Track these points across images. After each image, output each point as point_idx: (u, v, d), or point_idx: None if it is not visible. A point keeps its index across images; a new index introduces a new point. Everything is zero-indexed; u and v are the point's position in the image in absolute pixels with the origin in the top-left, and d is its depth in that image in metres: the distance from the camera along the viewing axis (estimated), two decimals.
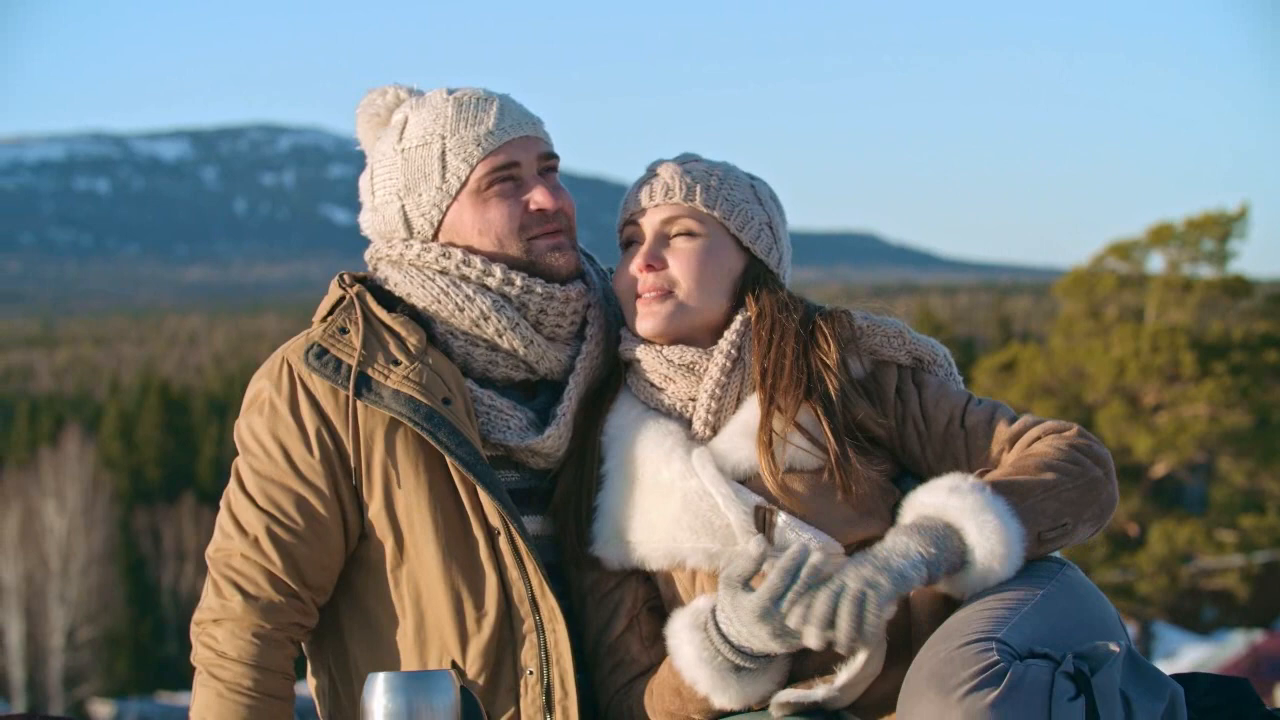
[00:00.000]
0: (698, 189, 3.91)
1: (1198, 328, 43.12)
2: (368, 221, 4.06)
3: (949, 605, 3.60)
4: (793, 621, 3.46)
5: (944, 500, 3.58)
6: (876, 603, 3.43)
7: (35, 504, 56.85)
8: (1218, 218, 42.48)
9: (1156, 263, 44.41)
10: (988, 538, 3.53)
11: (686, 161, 3.97)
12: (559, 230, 3.98)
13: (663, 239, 3.91)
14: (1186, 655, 45.56)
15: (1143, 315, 44.06)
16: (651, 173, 3.96)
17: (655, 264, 3.88)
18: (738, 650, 3.55)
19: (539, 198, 3.94)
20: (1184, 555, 42.63)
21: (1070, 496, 3.65)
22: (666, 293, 3.88)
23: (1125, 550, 43.19)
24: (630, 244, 3.95)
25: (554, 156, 4.02)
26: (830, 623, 3.43)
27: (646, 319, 3.89)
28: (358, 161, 4.12)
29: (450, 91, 3.99)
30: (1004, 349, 48.69)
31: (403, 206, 3.97)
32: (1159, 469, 43.28)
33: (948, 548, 3.53)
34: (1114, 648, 3.44)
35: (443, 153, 3.92)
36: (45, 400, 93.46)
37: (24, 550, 55.58)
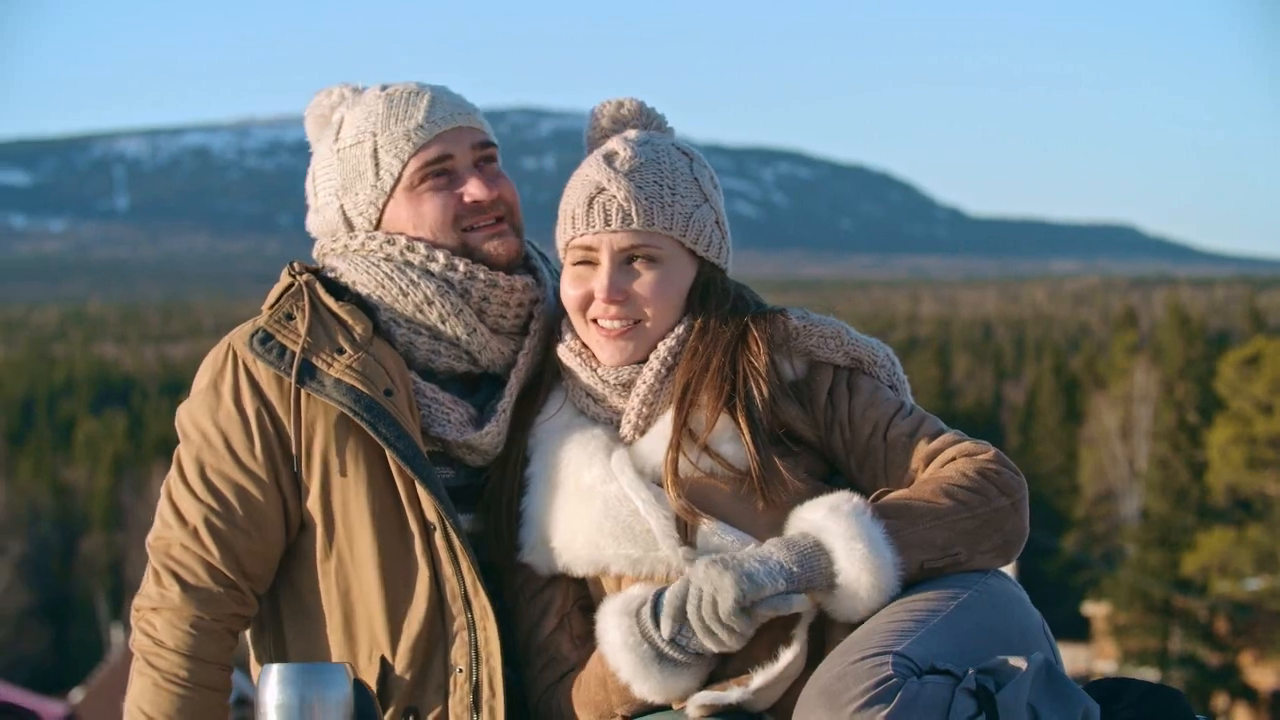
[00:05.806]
0: (655, 211, 3.74)
1: None
2: (312, 223, 4.04)
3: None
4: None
5: (821, 519, 3.49)
6: (727, 601, 3.40)
7: None
8: None
9: None
10: (855, 564, 3.44)
11: (634, 172, 3.76)
12: (499, 218, 3.92)
13: (622, 265, 3.76)
14: None
15: None
16: (598, 186, 3.77)
17: (619, 296, 3.74)
18: (666, 639, 3.49)
19: (473, 189, 3.89)
20: None
21: (966, 526, 3.52)
22: (633, 324, 3.76)
23: None
24: (582, 263, 3.79)
25: (491, 144, 3.96)
26: (692, 618, 3.44)
27: (613, 353, 3.77)
28: None
29: (384, 87, 3.96)
30: (1250, 343, 48.08)
31: (341, 206, 3.95)
32: None
33: (815, 567, 3.45)
34: (1019, 663, 3.30)
35: (374, 150, 3.89)
36: None
37: None
